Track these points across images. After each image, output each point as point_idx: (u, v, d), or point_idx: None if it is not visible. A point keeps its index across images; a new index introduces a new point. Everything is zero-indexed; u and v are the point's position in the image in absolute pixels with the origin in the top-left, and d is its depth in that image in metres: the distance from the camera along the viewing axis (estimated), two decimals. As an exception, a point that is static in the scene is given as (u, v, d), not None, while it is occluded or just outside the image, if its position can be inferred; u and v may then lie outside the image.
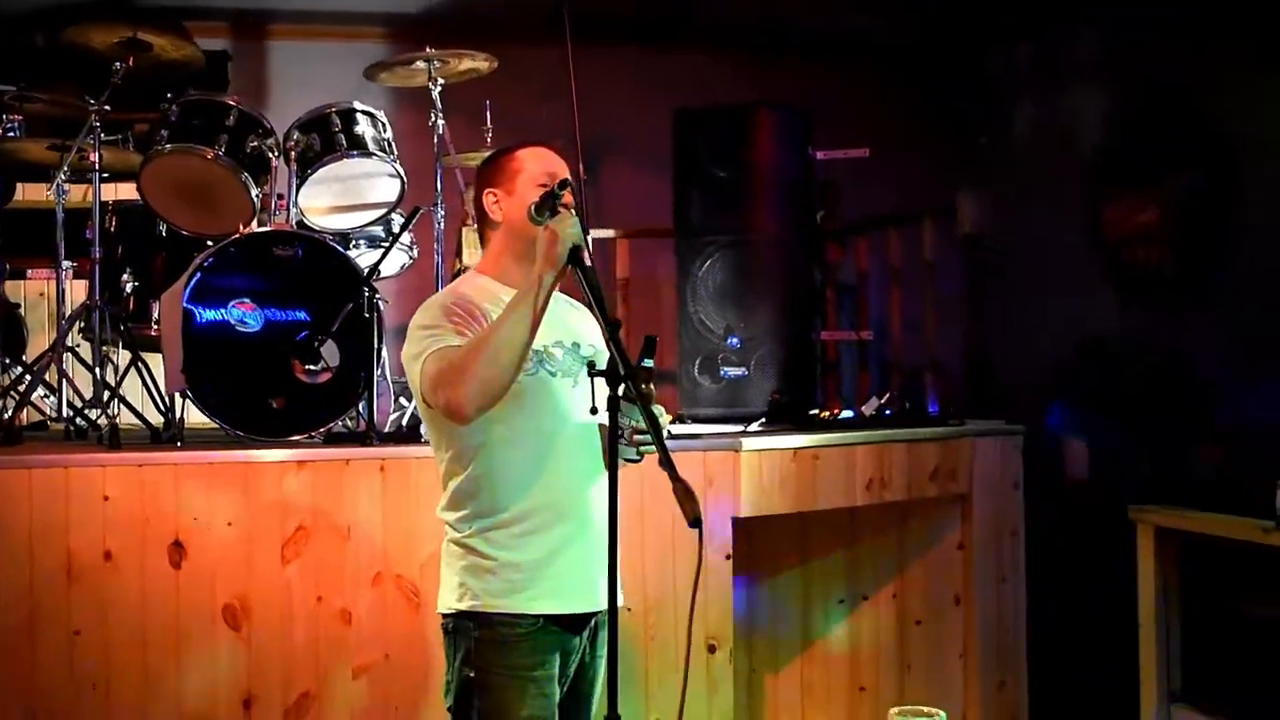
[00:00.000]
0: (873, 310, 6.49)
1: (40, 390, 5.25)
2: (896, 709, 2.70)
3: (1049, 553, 5.80)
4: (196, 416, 4.64)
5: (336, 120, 5.03)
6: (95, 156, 4.93)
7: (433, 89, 5.15)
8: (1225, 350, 5.77)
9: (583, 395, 3.04)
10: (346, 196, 5.15)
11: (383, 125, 5.16)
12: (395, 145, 5.18)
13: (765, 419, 5.29)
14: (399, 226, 5.26)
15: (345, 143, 5.00)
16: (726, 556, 4.48)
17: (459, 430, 2.99)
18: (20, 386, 5.22)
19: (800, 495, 4.79)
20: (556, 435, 3.03)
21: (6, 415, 4.77)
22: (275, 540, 4.04)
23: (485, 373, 2.83)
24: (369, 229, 5.28)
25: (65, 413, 5.01)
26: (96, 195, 4.94)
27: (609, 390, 2.74)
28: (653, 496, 4.13)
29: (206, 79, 5.95)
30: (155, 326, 5.07)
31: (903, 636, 5.59)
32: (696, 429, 5.21)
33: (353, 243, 5.30)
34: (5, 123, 5.40)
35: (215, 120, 4.88)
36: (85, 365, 5.14)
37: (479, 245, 3.28)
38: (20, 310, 6.04)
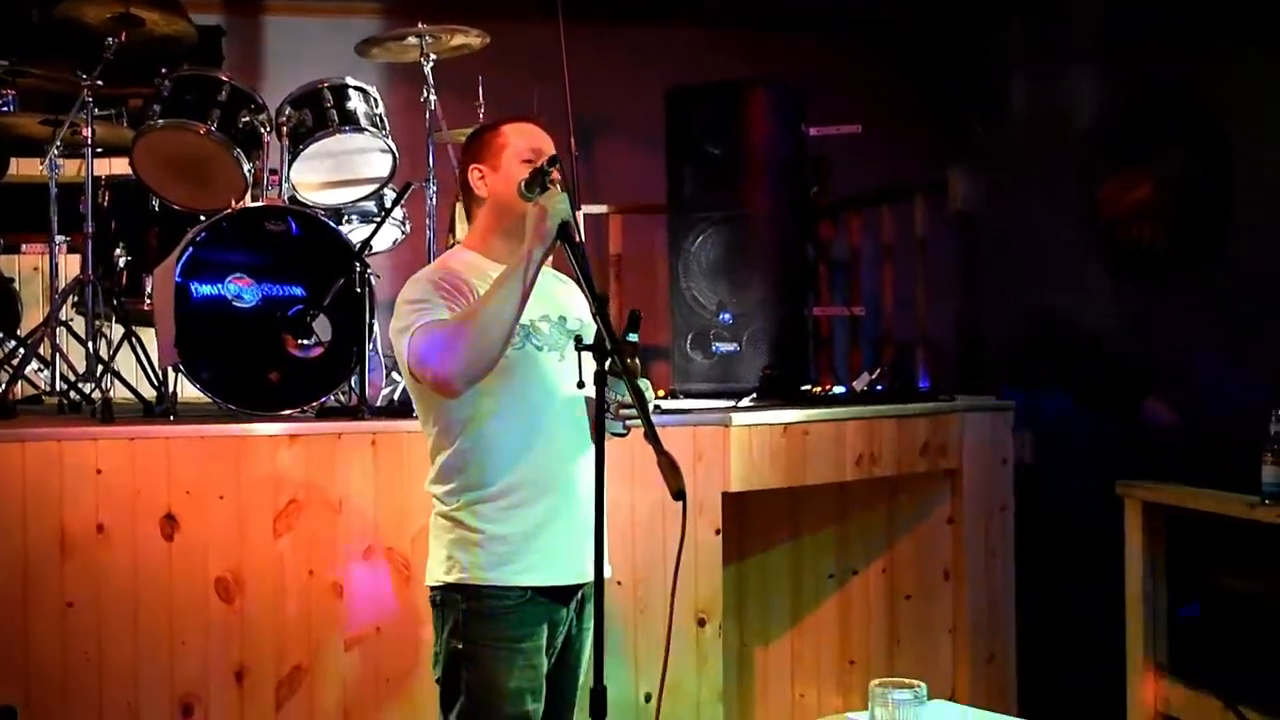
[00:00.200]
0: (865, 286, 6.51)
1: (34, 364, 5.27)
2: (878, 681, 2.72)
3: (1038, 528, 5.84)
4: (190, 391, 4.66)
5: (329, 96, 5.02)
6: (88, 131, 4.93)
7: (425, 65, 5.16)
8: (1217, 327, 5.79)
9: (569, 369, 3.06)
10: (339, 172, 5.15)
11: (375, 101, 5.16)
12: (387, 121, 5.18)
13: (757, 394, 5.31)
14: (391, 202, 5.26)
15: (337, 118, 4.99)
16: (716, 531, 4.50)
17: (446, 404, 3.01)
18: (14, 360, 5.23)
19: (790, 470, 4.81)
20: (543, 409, 3.06)
21: (0, 389, 4.79)
22: (267, 514, 4.06)
23: (473, 346, 2.85)
24: (361, 204, 5.27)
25: (59, 387, 5.03)
26: (89, 170, 4.95)
27: (596, 364, 2.76)
28: (642, 470, 4.15)
29: (200, 54, 5.93)
30: (148, 301, 5.07)
31: (892, 611, 5.61)
32: (687, 404, 5.23)
33: (345, 218, 5.30)
34: (-1, 97, 5.42)
35: (208, 95, 4.87)
36: (79, 339, 5.16)
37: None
38: (14, 284, 6.07)
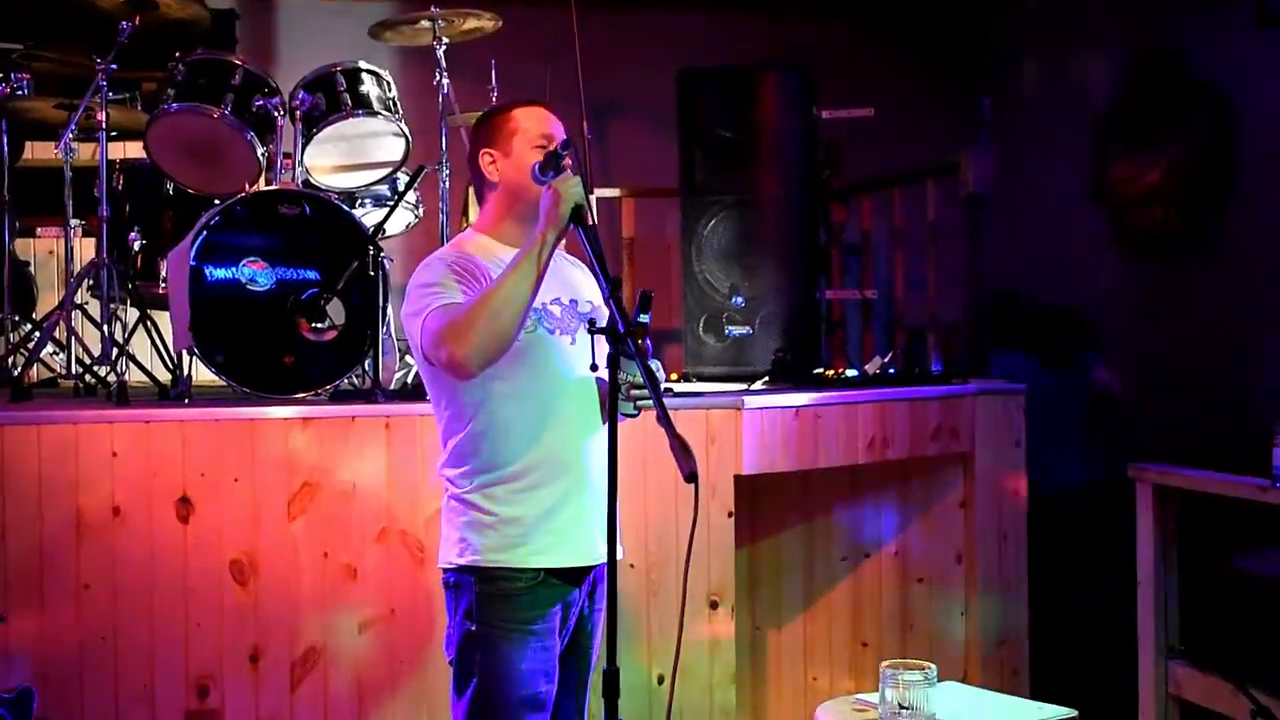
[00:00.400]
0: (877, 269, 6.51)
1: (49, 347, 5.30)
2: (888, 662, 2.74)
3: (1051, 510, 5.84)
4: (204, 374, 4.68)
5: (342, 79, 5.02)
6: (103, 115, 4.94)
7: (437, 48, 5.16)
8: (1228, 307, 5.80)
9: (581, 352, 3.08)
10: (352, 156, 5.16)
11: (388, 85, 5.17)
12: (400, 104, 5.19)
13: (769, 377, 5.32)
14: (404, 186, 5.27)
15: (350, 102, 5.00)
16: (729, 514, 4.51)
17: (458, 388, 3.03)
18: (29, 344, 5.26)
19: (802, 453, 4.82)
20: (555, 392, 3.07)
21: (16, 372, 4.82)
22: (281, 496, 4.08)
23: (488, 328, 2.85)
24: (374, 188, 5.28)
25: (74, 370, 5.05)
26: (103, 154, 4.95)
27: (609, 347, 2.77)
28: (655, 452, 4.16)
29: (213, 38, 5.95)
30: (163, 284, 5.09)
31: (905, 594, 5.61)
32: (700, 387, 5.24)
33: (358, 202, 5.31)
34: (14, 81, 5.42)
35: (221, 79, 4.88)
36: (94, 323, 5.18)
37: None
38: (30, 268, 6.09)
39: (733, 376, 5.45)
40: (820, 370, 5.78)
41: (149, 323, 5.29)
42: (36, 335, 5.24)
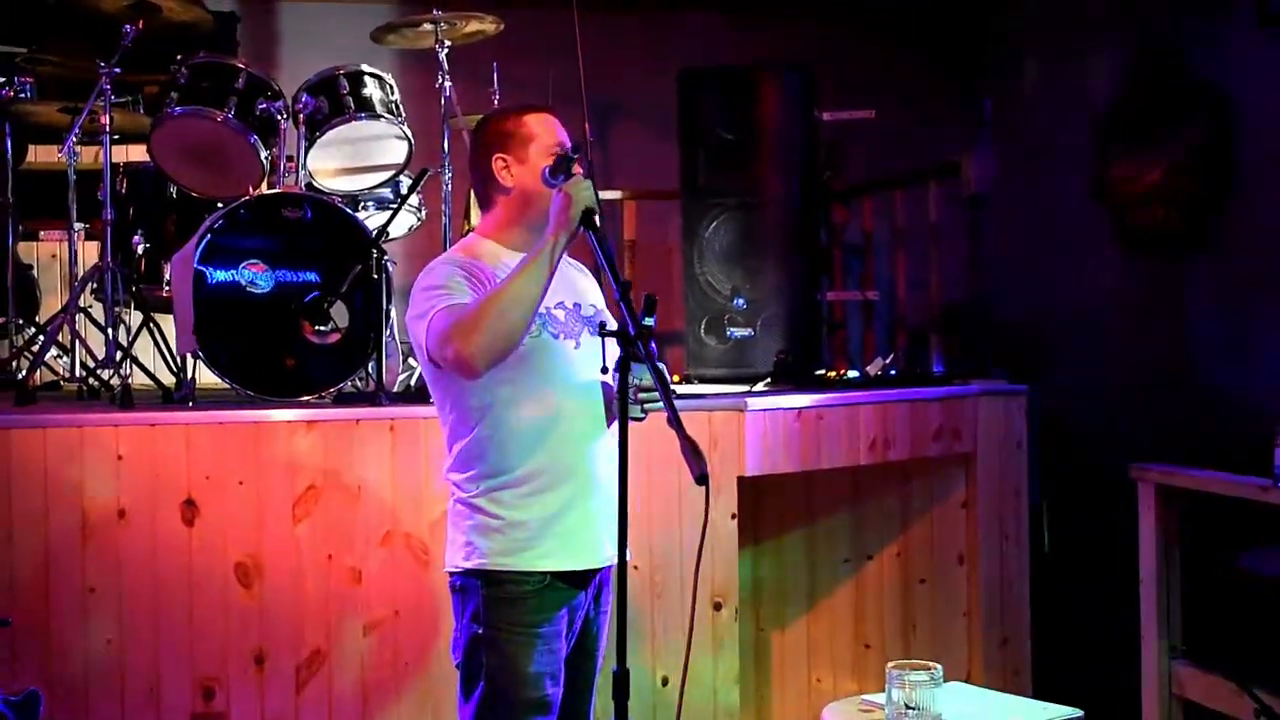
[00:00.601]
0: (878, 270, 6.52)
1: (52, 351, 5.30)
2: (894, 663, 2.74)
3: (1052, 511, 5.86)
4: (207, 377, 4.69)
5: (345, 82, 5.04)
6: (107, 119, 4.94)
7: (439, 51, 5.17)
8: (1228, 307, 5.80)
9: (584, 356, 3.09)
10: (355, 158, 5.17)
11: (390, 88, 5.18)
12: (403, 107, 5.20)
13: (771, 379, 5.33)
14: (407, 189, 5.28)
15: (353, 105, 5.01)
16: (732, 516, 4.52)
17: (463, 391, 3.03)
18: (33, 347, 5.26)
19: (805, 454, 4.83)
20: (560, 395, 3.07)
21: (21, 375, 4.82)
22: (286, 499, 4.09)
23: (496, 327, 2.86)
24: (377, 191, 5.29)
25: (78, 373, 5.06)
26: (106, 157, 4.95)
27: (618, 350, 2.79)
28: (659, 455, 4.15)
29: (215, 41, 5.95)
30: (166, 288, 5.10)
31: (907, 595, 5.63)
32: (702, 389, 5.25)
33: (361, 205, 5.32)
34: (17, 85, 5.43)
35: (224, 83, 4.90)
36: (98, 326, 5.19)
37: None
38: (33, 271, 6.10)
39: (735, 378, 5.46)
40: (822, 372, 5.80)
41: (152, 326, 5.29)
42: (40, 339, 5.24)
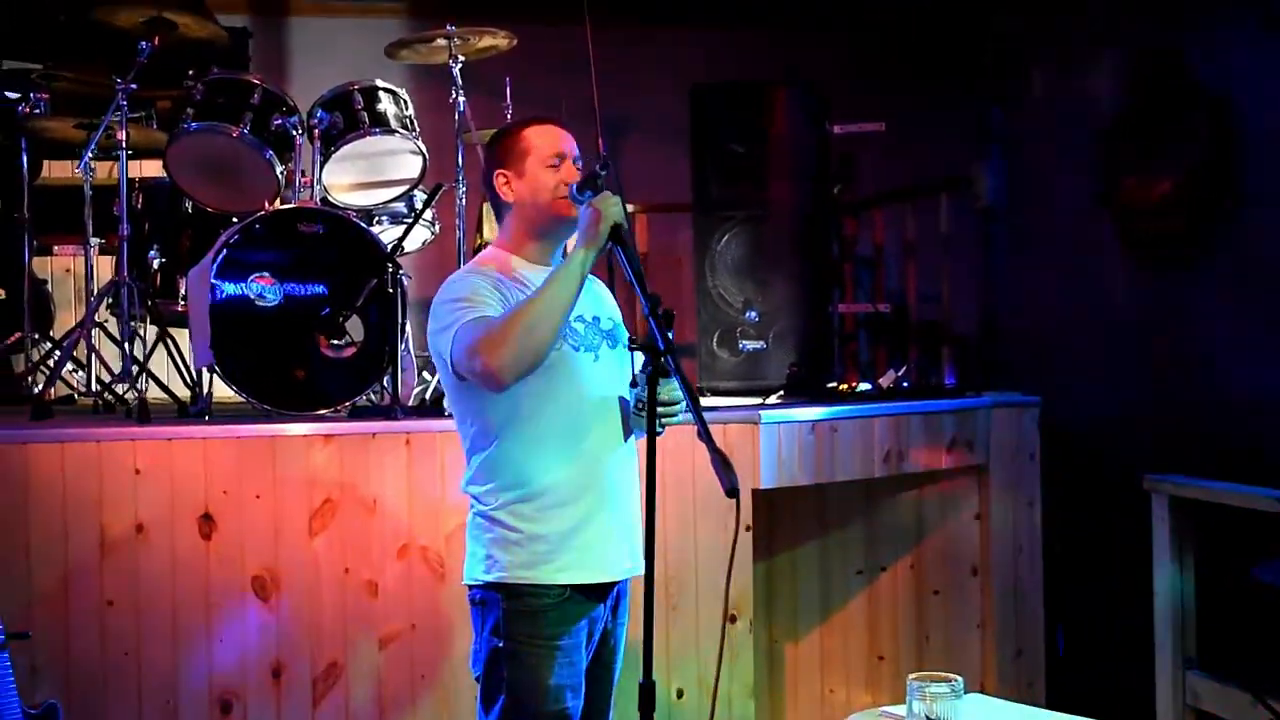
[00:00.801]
0: (890, 283, 6.53)
1: (67, 365, 5.32)
2: (915, 674, 2.74)
3: (1065, 522, 5.85)
4: (222, 391, 4.70)
5: (359, 98, 5.06)
6: (123, 134, 4.96)
7: (453, 66, 5.19)
8: (1236, 314, 5.80)
9: (604, 368, 3.12)
10: (370, 173, 5.19)
11: (404, 103, 5.20)
12: (416, 122, 5.22)
13: (783, 391, 5.34)
14: (421, 203, 5.29)
15: (368, 120, 5.04)
16: (746, 528, 4.52)
17: (484, 405, 3.04)
18: (49, 361, 5.28)
19: (819, 467, 4.84)
20: (580, 408, 3.08)
21: (37, 390, 4.84)
22: (303, 513, 4.10)
23: (524, 341, 2.88)
24: (391, 205, 5.31)
25: (94, 387, 5.07)
26: (123, 173, 4.98)
27: (648, 364, 2.81)
28: (674, 467, 4.18)
29: (227, 56, 5.99)
30: (182, 302, 5.12)
31: (921, 607, 5.63)
32: (715, 401, 5.26)
33: (375, 219, 5.34)
34: (33, 101, 5.45)
35: (240, 99, 4.92)
36: (114, 340, 5.21)
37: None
38: (48, 286, 6.12)
39: (747, 391, 5.47)
40: (834, 384, 5.80)
41: (168, 340, 5.31)
42: (56, 353, 5.26)
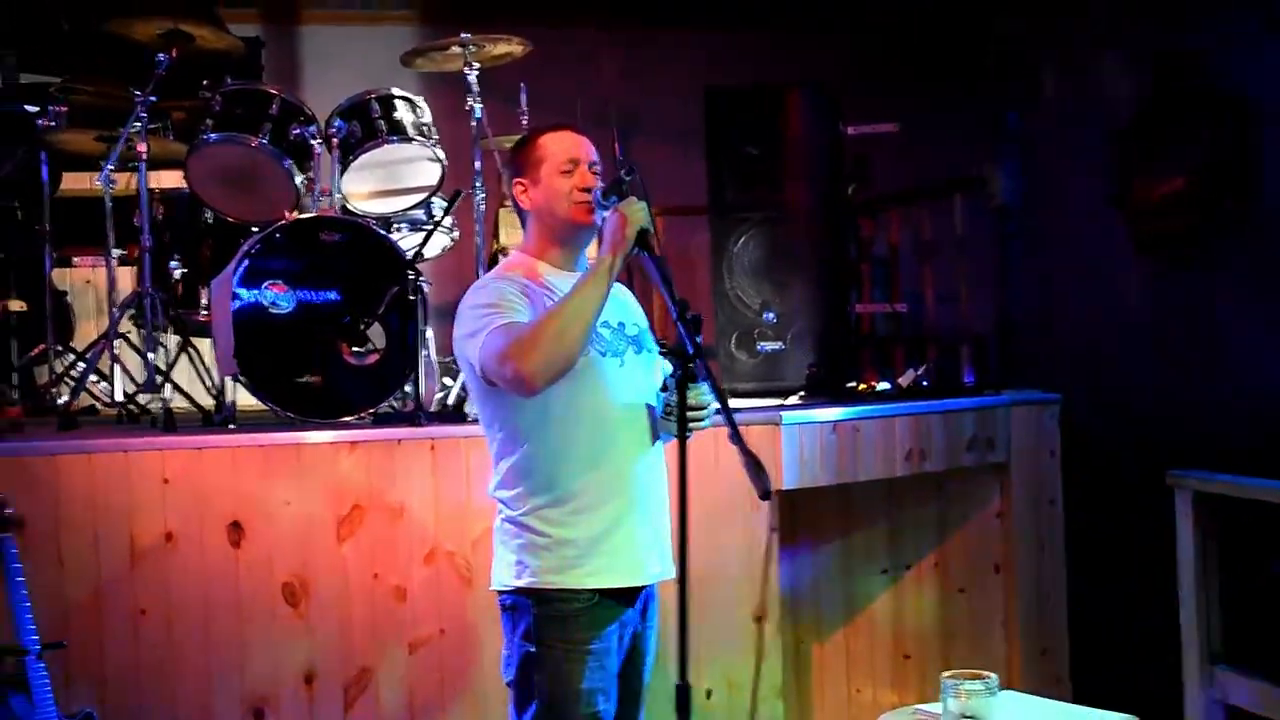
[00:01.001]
0: (906, 282, 6.53)
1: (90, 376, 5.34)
2: (949, 672, 2.76)
3: (1087, 520, 5.85)
4: (244, 399, 4.71)
5: (376, 106, 5.08)
6: (142, 146, 4.98)
7: (468, 73, 5.20)
8: (1251, 313, 5.80)
9: (630, 373, 3.13)
10: (388, 181, 5.20)
11: (421, 110, 5.22)
12: (434, 129, 5.23)
13: (803, 392, 5.35)
14: (440, 210, 5.30)
15: (385, 129, 5.05)
16: (771, 529, 4.54)
17: (511, 410, 3.06)
18: (73, 373, 5.30)
19: (841, 467, 4.84)
20: (607, 413, 3.10)
21: (61, 401, 4.85)
22: (331, 519, 4.12)
23: (555, 346, 2.89)
24: (410, 213, 5.32)
25: (118, 398, 5.09)
26: (142, 184, 4.99)
27: (677, 369, 2.83)
28: (700, 471, 4.14)
29: (240, 66, 6.01)
30: (204, 312, 5.14)
31: (945, 605, 5.64)
32: (735, 403, 5.25)
33: (394, 226, 5.35)
34: (51, 114, 5.47)
35: (259, 109, 4.94)
36: (137, 350, 5.23)
37: (519, 225, 3.35)
38: (68, 297, 6.14)
39: (766, 392, 5.47)
40: (853, 384, 5.81)
41: (190, 350, 5.33)
42: (80, 364, 5.28)
